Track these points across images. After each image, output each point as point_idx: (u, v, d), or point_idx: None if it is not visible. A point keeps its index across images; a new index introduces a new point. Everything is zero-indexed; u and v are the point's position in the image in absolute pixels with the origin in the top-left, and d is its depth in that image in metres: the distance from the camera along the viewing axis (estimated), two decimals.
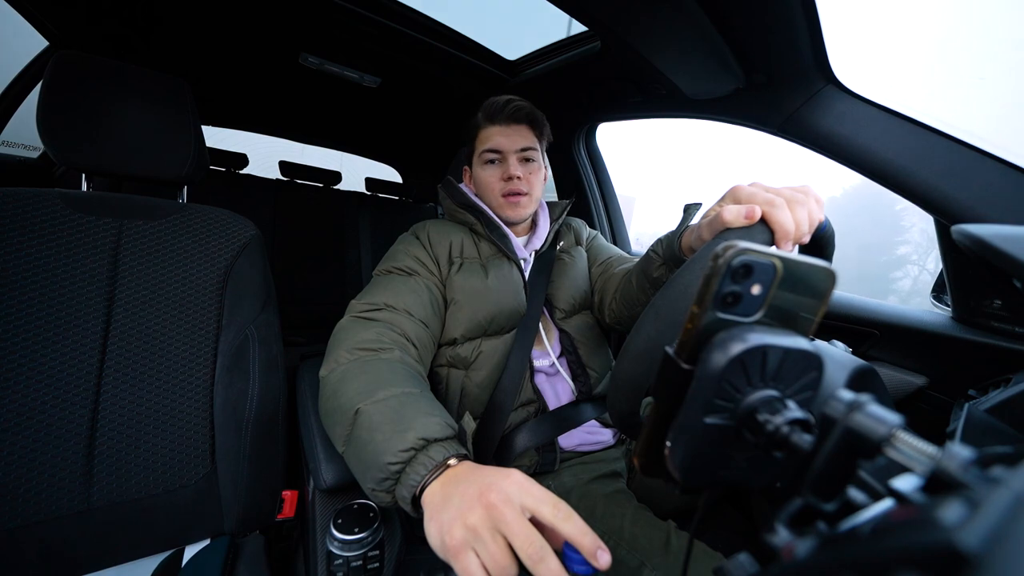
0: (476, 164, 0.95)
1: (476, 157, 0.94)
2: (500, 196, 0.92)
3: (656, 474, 0.28)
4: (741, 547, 0.26)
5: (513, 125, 0.91)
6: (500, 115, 0.90)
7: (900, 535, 0.16)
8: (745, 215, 0.44)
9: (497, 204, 0.93)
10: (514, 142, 0.91)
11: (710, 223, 0.50)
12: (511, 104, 0.90)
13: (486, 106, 0.92)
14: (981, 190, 0.67)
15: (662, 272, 0.67)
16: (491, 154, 0.91)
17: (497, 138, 0.91)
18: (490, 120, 0.92)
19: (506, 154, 0.91)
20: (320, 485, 0.68)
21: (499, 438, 0.84)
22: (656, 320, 0.41)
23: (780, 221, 0.44)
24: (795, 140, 0.88)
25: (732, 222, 0.45)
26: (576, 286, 0.97)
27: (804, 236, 0.46)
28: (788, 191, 0.45)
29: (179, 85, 0.85)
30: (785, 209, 0.44)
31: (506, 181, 0.90)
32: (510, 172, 0.89)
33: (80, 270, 0.73)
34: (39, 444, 0.66)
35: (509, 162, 0.90)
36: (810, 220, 0.46)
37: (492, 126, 0.92)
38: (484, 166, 0.93)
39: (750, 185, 0.47)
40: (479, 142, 0.93)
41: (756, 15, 0.72)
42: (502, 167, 0.91)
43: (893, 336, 0.83)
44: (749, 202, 0.45)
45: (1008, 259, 0.38)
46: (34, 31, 1.20)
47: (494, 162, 0.92)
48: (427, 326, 0.79)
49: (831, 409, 0.22)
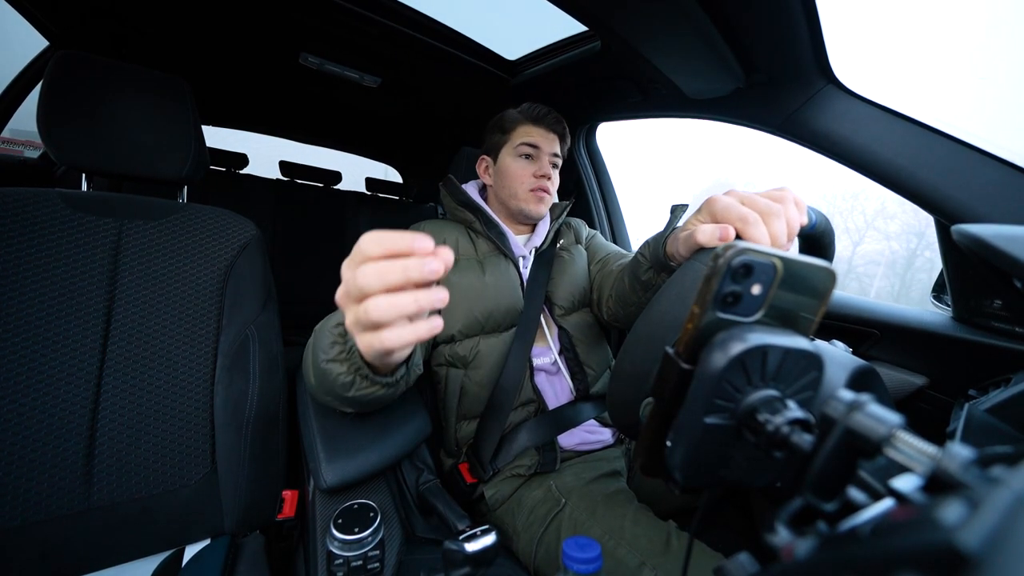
0: (507, 155, 0.97)
1: (510, 148, 0.97)
2: (529, 189, 0.95)
3: (656, 474, 0.28)
4: (741, 547, 0.26)
5: (551, 133, 0.97)
6: (543, 120, 0.96)
7: (900, 535, 0.16)
8: (719, 237, 0.43)
9: (524, 196, 0.95)
10: (551, 145, 0.96)
11: (685, 240, 0.48)
12: (552, 115, 0.97)
13: (528, 108, 0.97)
14: (981, 190, 0.67)
15: (650, 275, 0.66)
16: (530, 148, 0.95)
17: (537, 137, 0.95)
18: (532, 120, 0.96)
19: (542, 152, 0.95)
20: (320, 485, 0.68)
21: (499, 438, 0.84)
22: (637, 345, 0.40)
23: (754, 238, 0.42)
24: (795, 140, 0.88)
25: (706, 243, 0.44)
26: (575, 283, 0.97)
27: (784, 247, 0.44)
28: (764, 202, 0.44)
29: (179, 85, 0.85)
30: (759, 225, 0.42)
31: (538, 177, 0.94)
32: (545, 170, 0.94)
33: (80, 270, 0.72)
34: (39, 444, 0.66)
35: (543, 160, 0.95)
36: (789, 229, 0.44)
37: (534, 126, 0.96)
38: (518, 158, 0.95)
39: (725, 195, 0.46)
40: (517, 135, 0.96)
41: (756, 15, 0.72)
42: (537, 163, 0.95)
43: (893, 336, 0.83)
44: (723, 216, 0.44)
45: (1008, 259, 0.38)
46: (34, 31, 1.20)
47: (530, 157, 0.95)
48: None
49: (831, 409, 0.22)
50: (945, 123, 0.72)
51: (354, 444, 0.73)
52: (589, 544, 0.43)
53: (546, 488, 0.80)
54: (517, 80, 1.34)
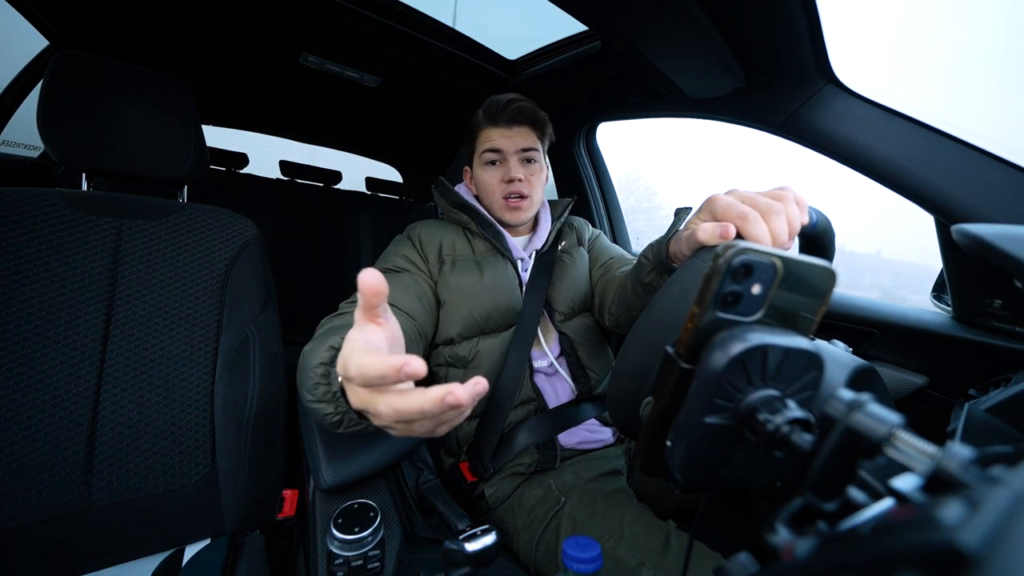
0: (476, 165, 0.94)
1: (476, 158, 0.93)
2: (501, 199, 0.90)
3: (656, 473, 0.28)
4: (741, 547, 0.26)
5: (515, 126, 0.90)
6: (501, 116, 0.89)
7: (900, 535, 0.16)
8: (720, 235, 0.43)
9: (498, 207, 0.91)
10: (515, 143, 0.89)
11: (687, 239, 0.48)
12: (513, 104, 0.88)
13: (487, 105, 0.90)
14: (981, 190, 0.67)
15: (652, 277, 0.66)
16: (492, 154, 0.90)
17: (497, 139, 0.89)
18: (491, 121, 0.90)
19: (507, 155, 0.89)
20: (320, 485, 0.68)
21: (499, 436, 0.84)
22: (637, 344, 0.40)
23: (755, 236, 0.42)
24: (795, 140, 0.88)
25: (707, 241, 0.44)
26: (576, 288, 0.97)
27: (784, 246, 0.44)
28: (764, 201, 0.44)
29: (179, 85, 0.85)
30: (759, 222, 0.42)
31: (507, 183, 0.89)
32: (511, 174, 0.88)
33: (80, 270, 0.72)
34: (39, 444, 0.66)
35: (510, 163, 0.89)
36: (790, 228, 0.44)
37: (493, 127, 0.90)
38: (484, 167, 0.91)
39: (727, 194, 0.46)
40: (479, 142, 0.92)
41: (756, 15, 0.72)
42: (503, 168, 0.90)
43: (893, 336, 0.83)
44: (724, 215, 0.44)
45: (1008, 258, 0.38)
46: (35, 31, 1.20)
47: (495, 163, 0.90)
48: (413, 317, 0.78)
49: (831, 408, 0.22)
50: (945, 123, 0.72)
51: (354, 444, 0.73)
52: (589, 544, 0.43)
53: (546, 487, 0.80)
54: (517, 80, 1.34)
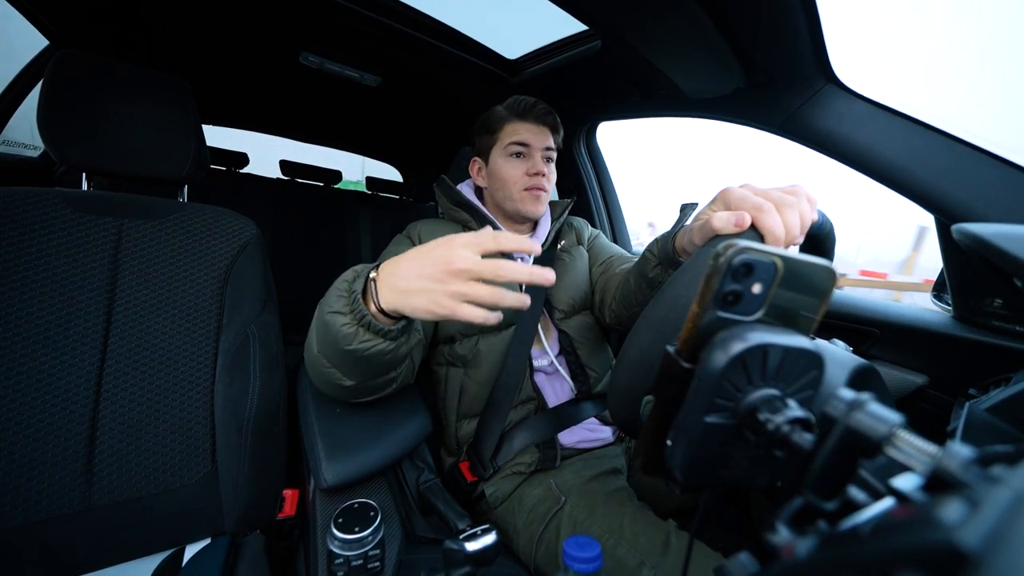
0: (497, 155, 0.94)
1: (499, 148, 0.93)
2: (523, 189, 0.92)
3: (657, 473, 0.28)
4: (741, 547, 0.26)
5: (542, 126, 0.93)
6: (530, 113, 0.92)
7: (901, 534, 0.16)
8: (735, 223, 0.43)
9: (518, 197, 0.92)
10: (542, 140, 0.92)
11: (700, 228, 0.49)
12: (540, 106, 0.92)
13: (513, 103, 0.93)
14: (981, 189, 0.67)
15: (657, 272, 0.67)
16: (518, 147, 0.91)
17: (525, 133, 0.91)
18: (519, 116, 0.92)
19: (533, 149, 0.92)
20: (321, 484, 0.68)
21: (499, 436, 0.84)
22: (647, 330, 0.40)
23: (769, 227, 0.43)
24: (795, 139, 0.88)
25: (721, 229, 0.44)
26: (576, 286, 0.97)
27: (796, 239, 0.45)
28: (778, 194, 0.45)
29: (179, 85, 0.85)
30: (774, 214, 0.43)
31: (531, 176, 0.91)
32: (538, 167, 0.91)
33: (80, 269, 0.72)
34: (39, 444, 0.66)
35: (535, 158, 0.92)
36: (802, 222, 0.45)
37: (521, 122, 0.92)
38: (508, 158, 0.92)
39: (740, 187, 0.47)
40: (505, 134, 0.93)
41: (756, 14, 0.72)
42: (528, 162, 0.92)
43: (894, 335, 0.83)
44: (739, 206, 0.45)
45: (1008, 258, 0.38)
46: (35, 31, 1.20)
47: (520, 155, 0.92)
48: None
49: (832, 408, 0.22)
50: (946, 122, 0.72)
51: (354, 443, 0.73)
52: (589, 543, 0.43)
53: (546, 486, 0.80)
54: (517, 79, 1.33)
